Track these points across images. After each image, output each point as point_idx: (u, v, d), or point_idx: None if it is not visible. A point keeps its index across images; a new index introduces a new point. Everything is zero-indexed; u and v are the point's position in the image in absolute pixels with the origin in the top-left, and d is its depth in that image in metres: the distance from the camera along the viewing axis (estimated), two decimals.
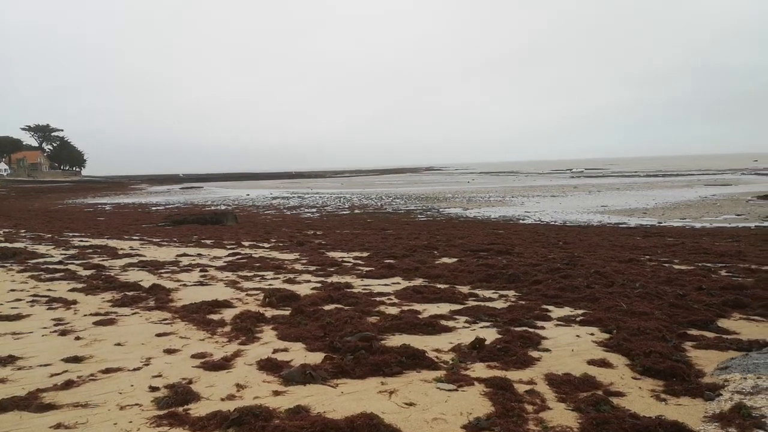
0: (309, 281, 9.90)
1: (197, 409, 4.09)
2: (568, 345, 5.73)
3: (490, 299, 8.22)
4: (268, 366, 5.08)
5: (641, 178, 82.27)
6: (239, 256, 13.41)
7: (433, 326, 6.44)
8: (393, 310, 7.38)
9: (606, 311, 7.13)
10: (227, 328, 6.51)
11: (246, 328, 6.40)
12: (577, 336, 6.09)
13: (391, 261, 12.34)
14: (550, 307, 7.53)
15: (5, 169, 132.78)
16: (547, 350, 5.54)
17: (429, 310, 7.43)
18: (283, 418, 3.89)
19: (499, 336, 5.97)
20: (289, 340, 6.01)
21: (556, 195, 50.53)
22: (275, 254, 14.10)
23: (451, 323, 6.70)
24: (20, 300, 8.09)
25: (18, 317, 7.07)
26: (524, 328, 6.29)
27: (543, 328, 6.44)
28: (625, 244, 15.83)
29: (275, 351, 5.58)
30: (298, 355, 5.48)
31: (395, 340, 5.83)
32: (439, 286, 9.08)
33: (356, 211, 38.46)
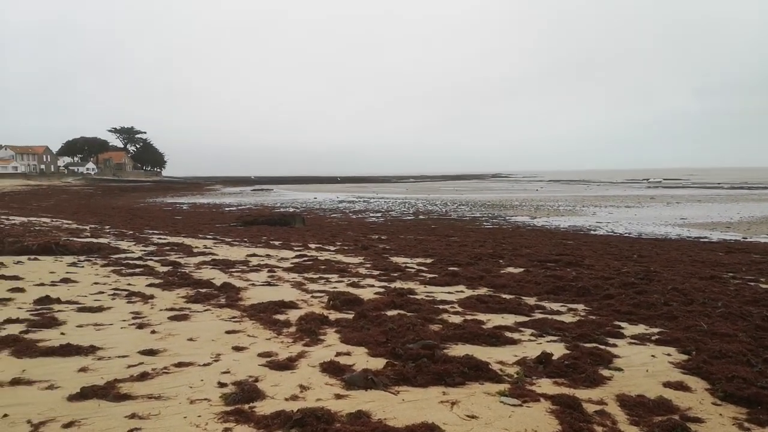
0: (372, 286, 9.95)
1: (262, 408, 4.19)
2: (643, 365, 5.44)
3: (558, 312, 7.95)
4: (331, 369, 5.13)
5: (724, 190, 77.36)
6: (305, 258, 13.68)
7: (497, 337, 6.30)
8: (456, 319, 7.29)
9: (684, 331, 6.73)
10: (292, 329, 6.64)
11: (310, 330, 6.50)
12: (653, 356, 5.77)
13: (455, 268, 12.21)
14: (623, 324, 7.19)
15: (93, 169, 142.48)
16: (619, 369, 5.28)
17: (493, 320, 7.28)
18: (344, 422, 3.91)
19: (567, 351, 5.75)
20: (351, 344, 6.06)
21: (631, 206, 48.35)
22: (340, 257, 14.29)
23: (516, 335, 6.53)
24: (102, 293, 8.58)
25: (100, 309, 7.50)
26: (594, 345, 6.03)
27: (615, 345, 6.15)
28: (706, 260, 14.90)
29: (338, 354, 5.63)
30: (360, 359, 5.50)
31: (458, 350, 5.75)
32: (504, 296, 8.88)
33: (421, 216, 38.39)
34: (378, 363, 5.31)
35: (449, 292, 9.41)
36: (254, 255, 14.12)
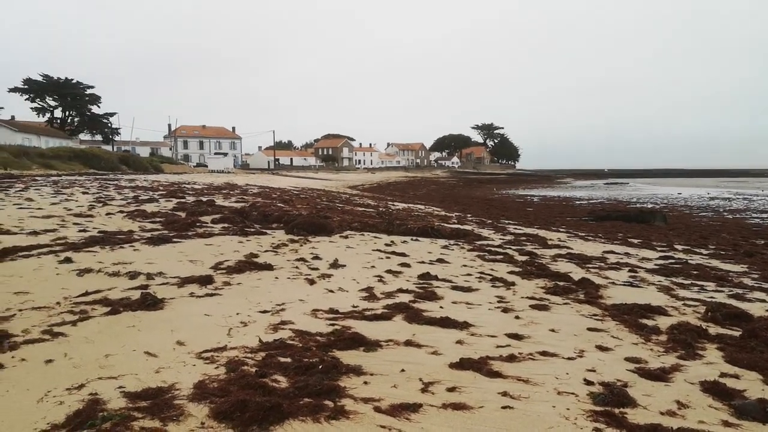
0: (764, 300, 8.28)
1: (634, 416, 3.93)
2: None
3: None
4: (714, 390, 4.46)
5: None
6: (672, 261, 12.31)
7: None
8: None
9: None
10: (662, 337, 6.04)
11: (685, 341, 5.79)
12: None
13: None
14: None
15: (456, 162, 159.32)
16: None
17: None
18: None
19: None
20: (739, 366, 5.15)
21: None
22: (715, 263, 12.38)
23: None
24: (470, 275, 9.43)
25: (469, 290, 8.26)
26: None
27: None
28: None
29: (722, 375, 4.86)
30: (754, 386, 4.63)
31: None
32: None
33: None
34: None
35: None
36: (611, 252, 13.43)
